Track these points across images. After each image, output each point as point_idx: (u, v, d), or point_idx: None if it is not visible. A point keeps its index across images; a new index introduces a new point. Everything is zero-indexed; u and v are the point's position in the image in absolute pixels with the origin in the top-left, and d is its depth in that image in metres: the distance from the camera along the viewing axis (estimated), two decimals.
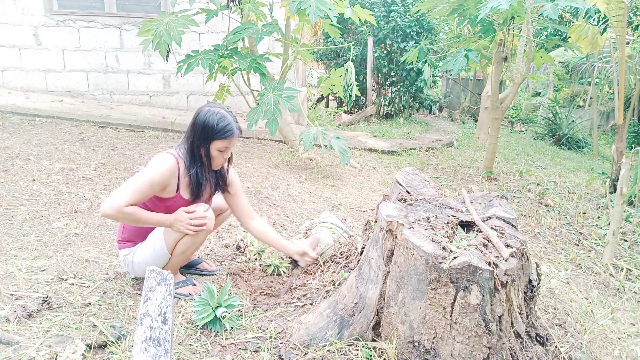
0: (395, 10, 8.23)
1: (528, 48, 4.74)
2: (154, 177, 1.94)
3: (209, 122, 2.01)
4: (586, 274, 3.12)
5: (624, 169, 3.13)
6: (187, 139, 2.07)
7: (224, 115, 2.03)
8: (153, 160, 2.01)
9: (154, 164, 1.99)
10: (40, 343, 1.71)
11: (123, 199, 1.87)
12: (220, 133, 2.02)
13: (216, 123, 2.01)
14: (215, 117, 2.02)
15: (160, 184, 1.97)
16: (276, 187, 4.06)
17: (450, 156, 6.32)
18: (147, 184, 1.93)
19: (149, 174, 1.94)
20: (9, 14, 6.54)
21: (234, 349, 1.83)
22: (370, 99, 8.57)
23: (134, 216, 1.92)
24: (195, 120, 2.04)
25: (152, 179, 1.94)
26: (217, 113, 2.03)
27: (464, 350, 1.60)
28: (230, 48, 4.63)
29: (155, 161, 2.00)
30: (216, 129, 2.01)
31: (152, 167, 1.97)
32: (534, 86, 12.30)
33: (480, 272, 1.54)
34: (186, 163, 2.06)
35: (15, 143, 4.35)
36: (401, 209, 1.90)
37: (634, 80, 7.50)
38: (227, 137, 2.03)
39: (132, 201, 1.90)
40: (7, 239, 2.60)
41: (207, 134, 2.02)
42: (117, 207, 1.85)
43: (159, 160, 2.00)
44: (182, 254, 2.12)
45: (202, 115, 2.03)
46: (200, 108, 2.07)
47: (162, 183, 1.98)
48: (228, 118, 2.04)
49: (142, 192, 1.93)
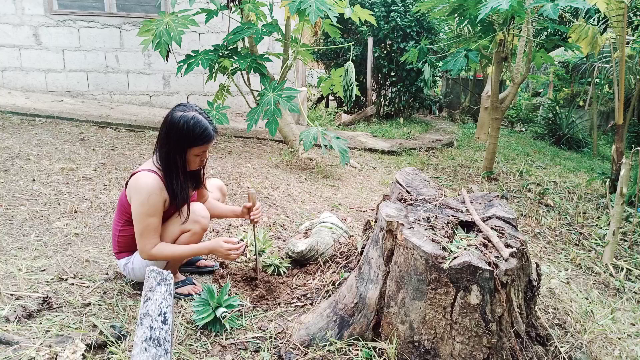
0: (395, 10, 8.23)
1: (528, 48, 4.74)
2: (151, 205, 1.92)
3: (184, 129, 1.91)
4: (586, 274, 3.12)
5: (624, 169, 3.13)
6: (161, 148, 1.97)
7: (198, 120, 1.93)
8: (139, 188, 1.92)
9: (141, 192, 1.91)
10: (40, 343, 1.71)
11: (146, 246, 1.95)
12: (197, 139, 1.94)
13: (192, 129, 1.91)
14: (189, 122, 1.91)
15: (160, 204, 1.96)
16: (276, 187, 4.06)
17: (450, 156, 6.32)
18: (151, 215, 1.94)
19: (146, 206, 1.91)
20: (9, 14, 6.54)
21: (234, 349, 1.83)
22: (370, 99, 8.57)
23: (169, 253, 2.00)
24: (168, 128, 1.93)
25: (150, 208, 1.92)
26: (191, 118, 1.92)
27: (464, 350, 1.60)
28: (230, 48, 4.63)
29: (141, 189, 1.92)
30: (192, 135, 1.92)
31: (143, 197, 1.91)
32: (534, 86, 12.30)
33: (480, 272, 1.54)
34: (164, 174, 1.97)
35: (15, 143, 4.35)
36: (401, 209, 1.90)
37: (634, 80, 7.50)
38: (205, 142, 1.96)
39: (153, 240, 1.96)
40: (7, 239, 2.60)
41: (182, 141, 1.93)
42: (148, 254, 1.96)
43: (144, 185, 1.92)
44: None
45: (176, 122, 1.91)
46: (171, 112, 1.95)
47: (161, 202, 1.96)
48: (204, 122, 1.94)
49: (153, 226, 1.95)
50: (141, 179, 1.93)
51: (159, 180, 1.95)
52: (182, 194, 2.02)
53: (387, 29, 8.24)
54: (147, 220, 1.93)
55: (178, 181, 2.00)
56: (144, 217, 1.92)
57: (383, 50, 8.59)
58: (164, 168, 1.97)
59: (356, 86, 5.16)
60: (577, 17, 8.01)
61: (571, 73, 10.67)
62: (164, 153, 1.96)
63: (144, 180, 1.93)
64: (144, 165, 2.01)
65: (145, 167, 1.99)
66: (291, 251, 2.61)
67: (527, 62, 4.76)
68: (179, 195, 2.00)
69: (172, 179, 1.98)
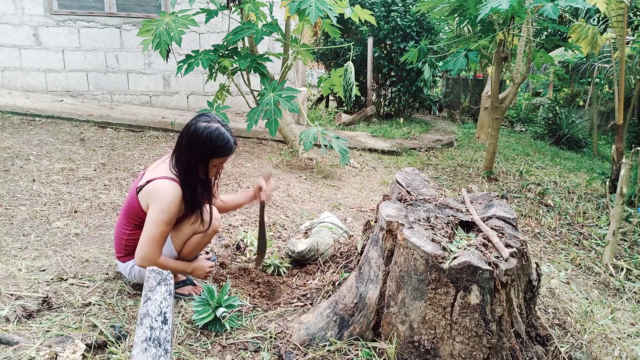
0: (395, 10, 8.23)
1: (528, 48, 4.74)
2: (170, 213, 1.93)
3: (207, 141, 1.92)
4: (586, 274, 3.12)
5: (624, 169, 3.13)
6: (182, 157, 1.96)
7: (221, 132, 1.94)
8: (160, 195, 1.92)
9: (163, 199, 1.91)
10: (40, 343, 1.71)
11: (155, 253, 1.95)
12: (220, 151, 1.95)
13: (215, 141, 1.93)
14: (213, 134, 1.92)
15: (177, 213, 1.97)
16: (276, 187, 4.06)
17: (450, 156, 6.31)
18: (168, 223, 1.95)
19: (165, 213, 1.92)
20: (9, 14, 6.54)
21: (234, 349, 1.83)
22: (370, 99, 8.57)
23: (164, 266, 1.99)
24: (192, 138, 1.94)
25: (169, 216, 1.93)
26: (215, 130, 1.93)
27: (464, 350, 1.60)
28: (230, 48, 4.63)
29: (163, 196, 1.92)
30: (215, 147, 1.94)
31: (164, 205, 1.91)
32: (534, 86, 12.29)
33: (480, 272, 1.54)
34: (181, 182, 1.98)
35: (15, 143, 4.35)
36: (401, 209, 1.90)
37: (634, 80, 7.50)
38: (226, 155, 1.98)
39: (160, 249, 1.96)
40: (7, 239, 2.60)
41: (205, 153, 1.94)
42: (153, 262, 1.94)
43: (167, 193, 1.92)
44: (190, 253, 2.15)
45: (200, 133, 1.92)
46: (193, 123, 1.96)
47: (178, 211, 1.98)
48: (226, 135, 1.95)
49: (166, 234, 1.97)
50: (162, 186, 1.93)
51: (179, 189, 1.95)
52: (198, 202, 2.04)
53: (387, 29, 8.24)
54: (162, 227, 1.93)
55: (196, 189, 2.01)
56: (162, 224, 1.92)
57: (383, 50, 8.59)
58: (183, 176, 1.97)
59: (356, 86, 5.16)
60: (577, 17, 8.01)
61: (571, 73, 10.67)
62: (185, 162, 1.96)
63: (166, 188, 1.92)
64: (159, 172, 1.99)
65: (163, 175, 1.97)
66: (291, 251, 2.61)
67: (527, 62, 4.76)
68: (195, 203, 2.03)
69: (190, 187, 1.99)
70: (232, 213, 3.34)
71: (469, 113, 10.41)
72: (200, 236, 2.11)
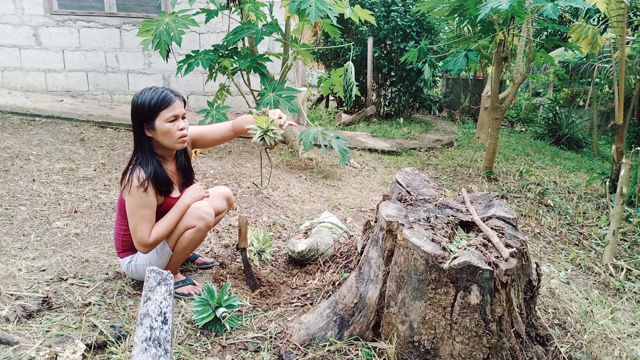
0: (395, 10, 8.23)
1: (528, 48, 4.74)
2: (140, 198, 1.94)
3: (140, 102, 1.92)
4: (586, 274, 3.12)
5: (624, 169, 3.13)
6: (134, 135, 1.98)
7: (154, 89, 1.94)
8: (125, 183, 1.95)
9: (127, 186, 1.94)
10: (40, 343, 1.71)
11: (143, 236, 1.97)
12: (158, 104, 1.92)
13: (150, 99, 1.91)
14: (144, 94, 1.93)
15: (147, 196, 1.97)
16: (276, 187, 4.06)
17: (450, 156, 6.32)
18: (143, 207, 1.96)
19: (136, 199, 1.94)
20: (9, 14, 6.54)
21: (234, 349, 1.83)
22: (370, 99, 8.57)
23: (163, 232, 2.02)
24: (132, 111, 1.95)
25: (140, 200, 1.94)
26: (145, 90, 1.94)
27: (464, 350, 1.60)
28: (230, 48, 4.63)
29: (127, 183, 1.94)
30: (151, 103, 1.91)
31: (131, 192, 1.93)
32: (534, 86, 12.30)
33: (480, 272, 1.54)
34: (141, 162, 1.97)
35: (15, 143, 4.35)
36: (401, 209, 1.90)
37: (634, 80, 7.50)
38: (166, 104, 1.94)
39: (149, 228, 1.98)
40: (7, 239, 2.60)
41: (144, 113, 1.92)
42: (146, 243, 1.98)
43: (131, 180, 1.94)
44: (184, 250, 2.13)
45: (134, 100, 1.94)
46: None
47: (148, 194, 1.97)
48: (159, 89, 1.95)
49: (147, 217, 1.97)
50: (127, 176, 1.97)
51: (140, 171, 1.96)
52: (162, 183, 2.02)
53: (387, 29, 8.24)
54: (140, 213, 1.96)
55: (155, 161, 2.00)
56: (137, 210, 1.95)
57: (383, 50, 8.59)
58: (140, 154, 1.99)
59: (356, 86, 5.16)
60: (577, 17, 8.02)
61: (571, 73, 10.67)
62: (137, 138, 1.99)
63: (129, 176, 1.96)
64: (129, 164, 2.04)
65: (127, 166, 2.02)
66: (291, 251, 2.61)
67: (527, 62, 4.76)
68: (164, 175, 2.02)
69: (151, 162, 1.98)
70: (232, 213, 3.34)
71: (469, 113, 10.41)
72: (194, 230, 2.09)
